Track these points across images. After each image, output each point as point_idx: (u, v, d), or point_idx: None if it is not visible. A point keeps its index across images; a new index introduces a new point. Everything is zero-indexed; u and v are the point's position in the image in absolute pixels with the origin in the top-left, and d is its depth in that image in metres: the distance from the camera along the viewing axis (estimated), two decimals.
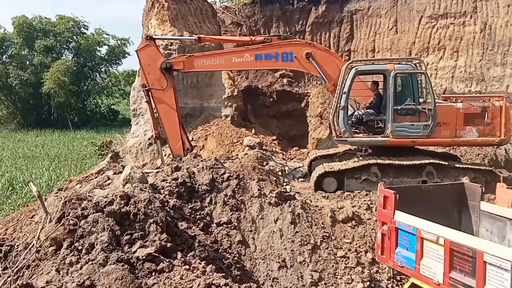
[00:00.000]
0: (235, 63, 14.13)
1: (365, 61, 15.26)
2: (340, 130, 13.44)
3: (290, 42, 14.29)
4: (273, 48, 13.92)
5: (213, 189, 10.79)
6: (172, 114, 14.33)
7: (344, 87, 13.23)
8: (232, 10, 26.73)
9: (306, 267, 9.68)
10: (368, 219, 10.91)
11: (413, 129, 13.17)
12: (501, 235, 8.39)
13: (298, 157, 18.24)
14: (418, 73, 13.37)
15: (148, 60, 14.20)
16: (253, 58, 13.80)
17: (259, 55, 13.82)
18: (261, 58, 13.82)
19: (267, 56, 13.82)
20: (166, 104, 14.23)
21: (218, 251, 9.50)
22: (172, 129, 14.39)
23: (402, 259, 7.99)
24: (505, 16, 21.91)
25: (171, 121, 14.38)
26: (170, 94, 14.22)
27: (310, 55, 13.79)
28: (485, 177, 13.12)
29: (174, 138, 14.44)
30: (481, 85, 22.38)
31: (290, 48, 13.88)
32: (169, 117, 14.35)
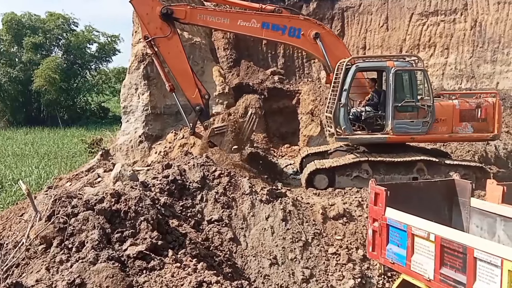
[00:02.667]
0: (240, 26, 13.41)
1: (366, 57, 15.31)
2: (341, 127, 13.30)
3: (301, 18, 14.01)
4: (282, 20, 13.47)
5: (204, 187, 10.77)
6: (182, 62, 13.48)
7: (345, 84, 13.13)
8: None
9: (297, 264, 9.69)
10: (359, 215, 10.95)
11: (412, 126, 13.30)
12: (491, 231, 8.43)
13: (289, 154, 18.26)
14: (417, 70, 13.51)
15: (145, 8, 13.29)
16: (260, 25, 13.23)
17: (266, 24, 13.27)
18: (268, 27, 13.29)
19: (274, 27, 13.32)
20: (174, 53, 13.34)
21: (209, 249, 9.49)
22: (185, 77, 13.54)
23: (393, 255, 8.02)
24: (495, 13, 22.05)
25: (182, 69, 13.53)
26: (175, 41, 13.37)
27: (318, 36, 13.50)
28: (475, 174, 13.24)
29: (189, 87, 13.60)
30: (472, 82, 22.52)
31: (299, 24, 13.48)
32: (180, 66, 13.48)
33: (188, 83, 13.59)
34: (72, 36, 50.00)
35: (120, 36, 52.36)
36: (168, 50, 13.28)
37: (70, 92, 48.85)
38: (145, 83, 18.41)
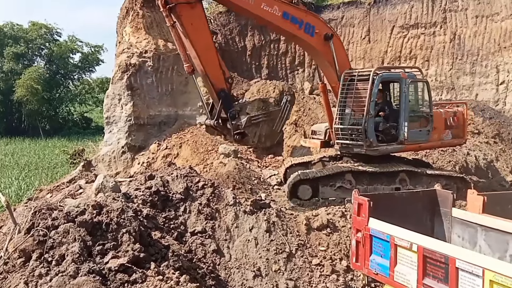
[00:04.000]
0: (262, 9, 12.16)
1: (387, 68, 15.52)
2: (369, 140, 12.98)
3: (317, 16, 13.78)
4: (301, 13, 12.94)
5: (187, 198, 10.70)
6: (206, 36, 11.52)
7: (372, 95, 12.98)
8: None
9: (281, 275, 9.65)
10: (343, 226, 10.97)
11: (420, 135, 13.67)
12: (473, 241, 8.52)
13: (273, 164, 18.24)
14: (423, 81, 14.00)
15: None
16: (281, 14, 12.44)
17: (287, 14, 12.53)
18: (288, 17, 12.56)
19: (293, 19, 12.65)
20: (197, 24, 11.26)
21: (193, 261, 9.40)
22: (209, 55, 11.56)
23: (377, 266, 8.03)
24: (473, 26, 22.49)
25: (207, 45, 11.53)
26: (200, 11, 11.49)
27: (331, 38, 13.19)
28: (457, 184, 13.41)
29: (213, 67, 11.65)
30: (451, 94, 22.86)
31: (315, 21, 13.12)
32: (203, 41, 11.44)
33: (212, 62, 11.64)
34: (55, 46, 49.60)
35: (103, 46, 52.24)
36: (190, 21, 11.20)
37: (52, 102, 48.33)
38: (128, 94, 18.33)
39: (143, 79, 18.57)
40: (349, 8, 26.04)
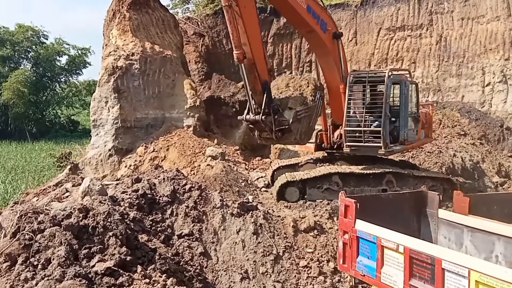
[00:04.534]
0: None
1: (398, 70, 15.68)
2: (386, 141, 13.03)
3: (329, 14, 13.87)
4: (320, 9, 12.99)
5: (174, 201, 10.65)
6: (256, 23, 11.13)
7: (388, 97, 13.17)
8: (195, 21, 26.64)
9: (268, 278, 9.65)
10: (330, 228, 11.00)
11: (412, 135, 14.14)
12: (459, 242, 8.58)
13: (260, 167, 18.24)
14: (414, 83, 14.43)
15: None
16: (306, 6, 12.35)
17: (310, 8, 12.48)
18: (310, 11, 12.53)
19: (314, 13, 12.65)
20: (250, 9, 10.81)
21: (180, 264, 9.38)
22: (257, 43, 11.07)
23: (364, 267, 8.04)
24: (459, 29, 22.72)
25: (256, 32, 11.11)
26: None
27: (339, 37, 13.40)
28: (443, 185, 13.52)
29: (260, 55, 11.19)
30: (438, 96, 23.07)
31: (327, 19, 13.21)
32: (254, 27, 11.01)
33: (260, 51, 11.15)
34: (42, 49, 49.17)
35: (90, 49, 51.85)
36: (244, 3, 10.70)
37: (39, 105, 47.86)
38: (115, 96, 18.21)
39: (130, 82, 18.46)
40: (336, 10, 26.16)
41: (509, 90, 20.95)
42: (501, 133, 20.38)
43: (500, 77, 21.12)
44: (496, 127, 20.52)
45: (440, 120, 20.38)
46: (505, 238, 7.56)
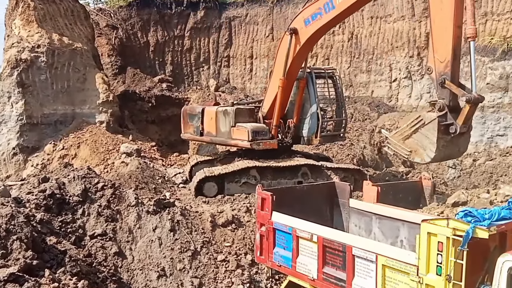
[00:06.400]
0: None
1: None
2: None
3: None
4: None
5: (86, 200, 10.19)
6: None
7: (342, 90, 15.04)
8: (107, 13, 25.60)
9: (186, 274, 9.53)
10: (248, 221, 11.07)
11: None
12: (368, 229, 8.99)
13: (178, 163, 17.99)
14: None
15: None
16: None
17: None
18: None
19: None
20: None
21: (92, 265, 8.99)
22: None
23: (280, 258, 8.20)
24: (368, 27, 23.79)
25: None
26: None
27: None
28: (354, 176, 14.11)
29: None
30: (350, 91, 24.00)
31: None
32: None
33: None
34: None
35: None
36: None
37: None
38: (19, 91, 17.08)
39: (35, 76, 17.39)
40: (253, 6, 26.39)
41: (413, 86, 22.27)
42: None
43: (405, 73, 22.39)
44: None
45: (352, 114, 21.25)
46: (409, 224, 8.02)
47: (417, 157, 10.59)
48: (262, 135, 13.89)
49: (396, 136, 10.94)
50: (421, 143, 10.45)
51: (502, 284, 5.28)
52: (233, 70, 26.55)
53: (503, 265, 5.28)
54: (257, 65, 26.26)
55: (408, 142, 10.64)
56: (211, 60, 26.58)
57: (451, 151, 10.58)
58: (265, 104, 14.48)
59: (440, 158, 10.59)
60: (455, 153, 10.85)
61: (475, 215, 5.54)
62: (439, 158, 10.61)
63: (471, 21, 9.74)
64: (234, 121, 14.10)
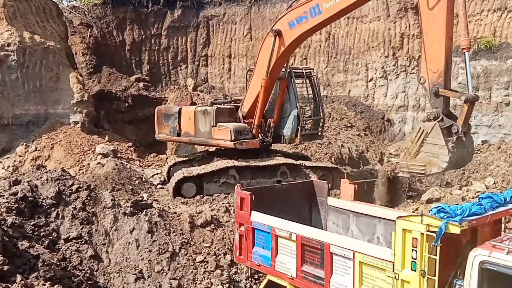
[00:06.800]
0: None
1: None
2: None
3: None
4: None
5: (60, 203, 9.94)
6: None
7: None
8: (81, 10, 25.17)
9: (164, 276, 9.40)
10: (227, 221, 11.00)
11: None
12: (346, 227, 9.03)
13: (156, 163, 17.81)
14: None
15: None
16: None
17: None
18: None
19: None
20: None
21: (67, 269, 8.78)
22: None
23: (259, 257, 8.17)
24: (345, 27, 23.96)
25: None
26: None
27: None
28: (332, 174, 14.19)
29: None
30: (327, 90, 24.15)
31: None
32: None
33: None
34: None
35: None
36: None
37: None
38: None
39: (6, 75, 16.96)
40: (230, 5, 26.33)
41: (389, 85, 22.55)
42: (383, 125, 21.97)
43: (381, 73, 22.65)
44: (378, 119, 22.05)
45: (329, 113, 21.38)
46: (385, 221, 8.09)
47: (433, 167, 10.44)
48: (244, 135, 13.80)
49: (405, 157, 10.82)
50: (431, 152, 10.41)
51: (473, 278, 5.37)
52: (212, 70, 26.44)
53: (474, 259, 5.38)
54: (235, 65, 26.21)
55: (419, 157, 10.55)
56: (189, 59, 26.41)
57: (461, 153, 10.57)
58: (245, 103, 14.40)
59: (455, 161, 10.46)
60: (466, 156, 10.85)
61: (447, 211, 5.62)
62: (454, 161, 10.47)
63: (464, 33, 10.03)
64: (215, 121, 13.98)
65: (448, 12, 10.00)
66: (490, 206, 6.05)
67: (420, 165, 10.54)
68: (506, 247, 5.22)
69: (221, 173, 13.60)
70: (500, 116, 18.75)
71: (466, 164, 11.42)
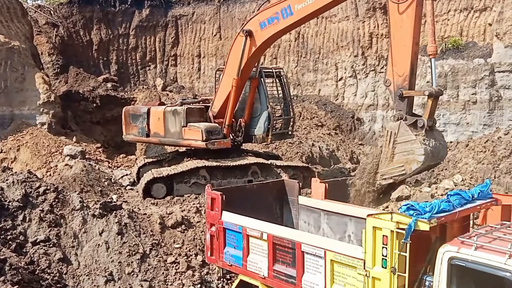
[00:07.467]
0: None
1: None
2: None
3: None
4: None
5: (26, 205, 9.75)
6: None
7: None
8: (47, 10, 24.61)
9: (135, 277, 9.31)
10: (198, 222, 10.96)
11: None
12: (317, 225, 9.13)
13: (125, 164, 17.59)
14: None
15: None
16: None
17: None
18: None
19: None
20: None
21: (35, 273, 8.62)
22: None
23: (231, 258, 8.18)
24: (314, 26, 24.17)
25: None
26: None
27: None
28: (303, 173, 14.30)
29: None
30: (298, 90, 24.33)
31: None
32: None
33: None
34: None
35: None
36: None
37: None
38: None
39: None
40: (199, 5, 26.23)
41: (358, 84, 22.86)
42: (353, 123, 22.26)
43: (350, 72, 22.95)
44: (348, 118, 22.33)
45: (300, 112, 21.55)
46: (356, 219, 8.21)
47: (412, 164, 10.40)
48: (216, 135, 13.75)
49: (383, 165, 10.73)
50: (405, 150, 10.44)
51: (443, 274, 5.47)
52: (181, 69, 26.27)
53: (443, 255, 5.48)
54: (205, 64, 26.12)
55: (395, 159, 10.53)
56: (158, 59, 26.18)
57: (435, 145, 10.57)
58: (215, 103, 14.33)
59: (431, 153, 10.40)
60: (440, 149, 10.84)
61: (416, 208, 5.72)
62: (430, 153, 10.41)
63: (432, 39, 10.19)
64: (185, 121, 13.89)
65: (416, 18, 10.20)
66: (458, 203, 6.16)
67: (399, 167, 10.55)
68: (474, 243, 5.33)
69: (192, 173, 13.53)
70: (467, 114, 19.18)
71: (442, 158, 11.53)
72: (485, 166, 15.05)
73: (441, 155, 11.17)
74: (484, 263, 5.14)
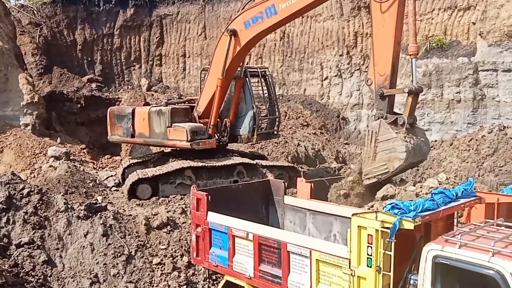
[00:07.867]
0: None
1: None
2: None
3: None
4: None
5: (10, 207, 9.67)
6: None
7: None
8: (30, 9, 24.34)
9: (120, 279, 9.27)
10: (183, 222, 10.93)
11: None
12: (303, 225, 9.16)
13: (110, 165, 17.47)
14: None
15: None
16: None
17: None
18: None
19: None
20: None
21: (19, 275, 8.59)
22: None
23: (216, 258, 8.17)
24: (300, 26, 24.26)
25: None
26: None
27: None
28: (289, 173, 14.34)
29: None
30: (283, 89, 24.40)
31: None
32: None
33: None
34: None
35: None
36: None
37: None
38: None
39: None
40: (184, 4, 26.16)
41: (344, 84, 22.99)
42: (338, 123, 22.39)
43: (335, 72, 23.07)
44: (334, 117, 22.46)
45: (285, 112, 21.60)
46: (341, 218, 8.25)
47: (394, 162, 10.42)
48: (201, 135, 13.72)
49: (366, 165, 10.79)
50: (387, 149, 10.48)
51: (427, 272, 5.53)
52: (166, 69, 26.18)
53: (428, 254, 5.54)
54: (190, 64, 26.07)
55: (378, 158, 10.56)
56: (143, 59, 26.06)
57: (416, 142, 10.65)
58: (200, 103, 14.32)
59: (413, 150, 10.49)
60: (422, 145, 10.92)
61: (401, 207, 5.76)
62: (412, 150, 10.48)
63: (413, 40, 10.30)
64: (170, 121, 13.85)
65: (398, 18, 10.28)
66: (442, 202, 6.20)
67: (382, 165, 10.60)
68: (458, 241, 5.38)
69: (177, 174, 13.49)
70: (452, 113, 19.39)
71: (425, 155, 11.61)
72: (469, 164, 15.28)
73: (423, 152, 11.28)
74: (468, 261, 5.19)
